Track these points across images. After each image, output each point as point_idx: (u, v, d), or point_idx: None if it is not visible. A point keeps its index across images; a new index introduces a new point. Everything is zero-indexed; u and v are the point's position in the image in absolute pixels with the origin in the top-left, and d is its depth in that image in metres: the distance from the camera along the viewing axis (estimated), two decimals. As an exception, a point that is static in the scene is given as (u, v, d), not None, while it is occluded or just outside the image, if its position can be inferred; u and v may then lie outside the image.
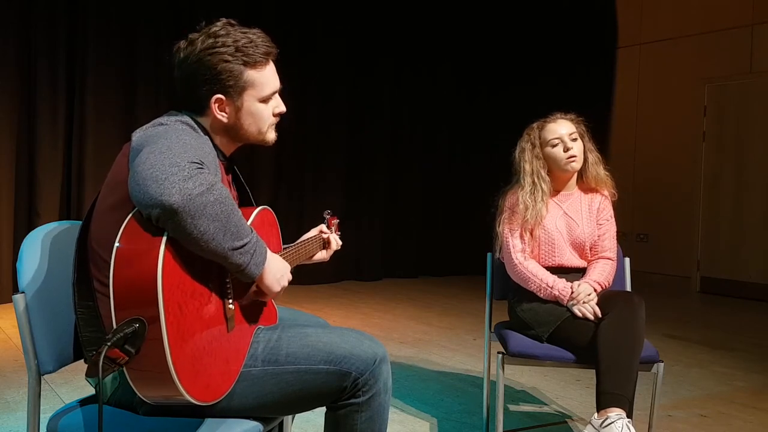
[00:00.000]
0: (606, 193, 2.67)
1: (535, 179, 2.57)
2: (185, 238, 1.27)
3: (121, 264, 1.26)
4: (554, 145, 2.57)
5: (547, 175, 2.59)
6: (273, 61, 1.60)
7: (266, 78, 1.57)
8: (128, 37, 5.68)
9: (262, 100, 1.58)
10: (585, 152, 2.62)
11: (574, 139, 2.57)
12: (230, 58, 1.51)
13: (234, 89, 1.53)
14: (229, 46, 1.51)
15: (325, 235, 2.01)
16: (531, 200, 2.55)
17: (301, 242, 1.89)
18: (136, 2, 5.69)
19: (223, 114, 1.55)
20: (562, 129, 2.57)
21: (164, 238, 1.27)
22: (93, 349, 1.41)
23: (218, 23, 1.55)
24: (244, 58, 1.52)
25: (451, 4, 7.52)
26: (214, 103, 1.54)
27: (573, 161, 2.56)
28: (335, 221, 2.10)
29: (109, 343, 1.22)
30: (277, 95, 1.63)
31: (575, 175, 2.65)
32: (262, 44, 1.56)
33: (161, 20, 5.83)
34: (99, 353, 1.22)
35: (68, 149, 5.50)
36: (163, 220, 1.25)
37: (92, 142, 5.50)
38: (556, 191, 2.64)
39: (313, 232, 2.00)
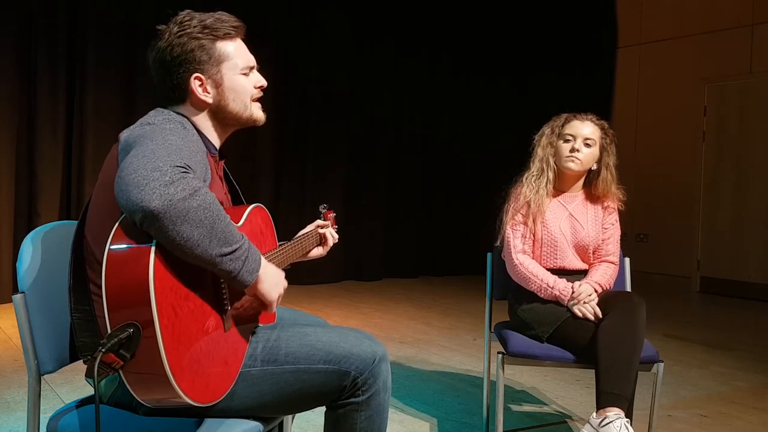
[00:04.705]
0: (612, 204, 2.65)
1: (544, 166, 2.60)
2: (169, 244, 1.26)
3: (112, 268, 1.26)
4: (566, 140, 2.58)
5: (555, 165, 2.61)
6: (243, 40, 1.62)
7: (239, 50, 1.59)
8: (128, 37, 5.67)
9: (241, 73, 1.59)
10: (600, 166, 2.60)
11: (588, 145, 2.56)
12: (199, 35, 1.53)
13: (209, 64, 1.54)
14: (195, 26, 1.54)
15: (321, 230, 1.99)
16: (535, 185, 2.58)
17: (296, 239, 1.88)
18: (136, 2, 5.69)
19: (206, 94, 1.55)
20: (581, 129, 2.57)
21: (154, 242, 1.26)
22: (88, 354, 1.40)
23: (181, 13, 1.58)
24: (213, 33, 1.55)
25: (452, 4, 7.52)
26: (194, 81, 1.53)
27: (572, 160, 2.56)
28: (332, 215, 2.06)
29: (104, 349, 1.21)
30: (255, 71, 1.64)
31: (582, 179, 2.65)
32: (229, 19, 1.58)
33: (162, 20, 5.81)
34: (94, 359, 1.22)
35: (68, 149, 5.49)
36: (146, 225, 1.24)
37: (92, 142, 5.49)
38: (560, 191, 2.64)
39: (310, 227, 1.98)
